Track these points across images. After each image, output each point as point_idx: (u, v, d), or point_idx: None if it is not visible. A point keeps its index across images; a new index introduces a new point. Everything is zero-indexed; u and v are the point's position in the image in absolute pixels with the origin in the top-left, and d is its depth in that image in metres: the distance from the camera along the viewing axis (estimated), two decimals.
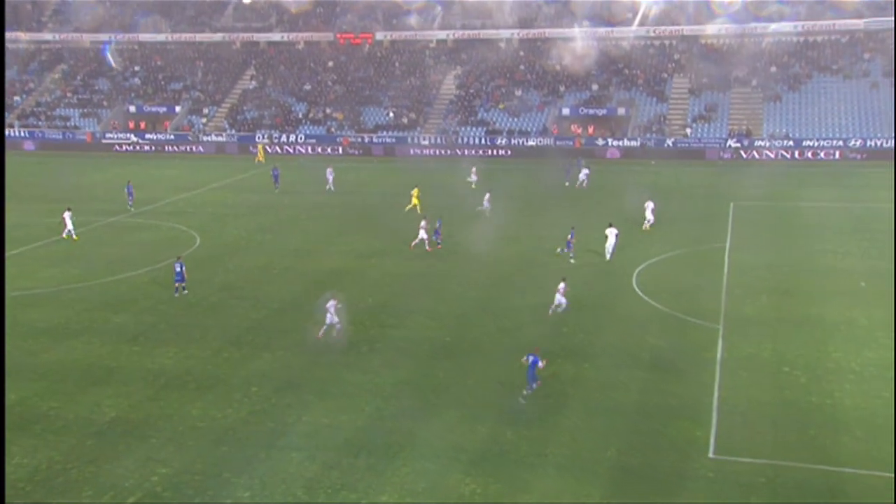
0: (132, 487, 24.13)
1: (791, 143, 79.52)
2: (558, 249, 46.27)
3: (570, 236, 45.80)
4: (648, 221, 51.88)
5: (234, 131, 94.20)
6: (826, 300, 38.43)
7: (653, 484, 23.77)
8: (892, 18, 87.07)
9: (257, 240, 52.94)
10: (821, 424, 26.86)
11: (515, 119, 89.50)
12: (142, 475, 24.75)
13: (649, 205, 52.54)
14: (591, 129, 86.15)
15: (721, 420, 27.32)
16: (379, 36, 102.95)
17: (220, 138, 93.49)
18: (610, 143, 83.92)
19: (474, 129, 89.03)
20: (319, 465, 25.20)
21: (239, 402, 29.48)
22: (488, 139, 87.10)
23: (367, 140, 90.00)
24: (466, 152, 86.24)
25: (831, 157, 77.49)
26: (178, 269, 41.28)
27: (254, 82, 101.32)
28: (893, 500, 22.06)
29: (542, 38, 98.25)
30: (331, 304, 35.35)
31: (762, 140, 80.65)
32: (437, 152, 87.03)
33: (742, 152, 79.58)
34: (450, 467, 24.88)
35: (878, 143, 77.31)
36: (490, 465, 25.00)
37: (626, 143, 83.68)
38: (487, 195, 57.97)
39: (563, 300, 36.92)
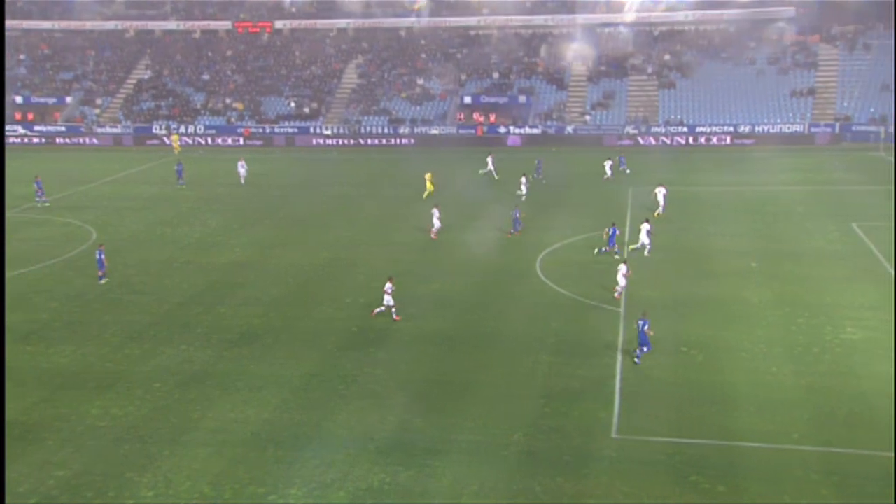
0: (27, 493, 23.36)
1: (685, 129, 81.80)
2: (596, 250, 44.22)
3: (610, 232, 43.74)
4: (661, 207, 51.36)
5: (129, 123, 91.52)
6: (720, 281, 39.74)
7: (558, 466, 24.27)
8: (774, 9, 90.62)
9: (157, 233, 51.72)
10: (716, 401, 27.84)
11: (418, 108, 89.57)
12: (37, 479, 24.00)
13: (661, 190, 51.97)
14: (492, 118, 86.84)
15: (623, 401, 28.05)
16: (278, 24, 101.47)
17: (115, 130, 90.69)
18: (511, 131, 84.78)
19: (377, 118, 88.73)
20: (226, 461, 24.89)
21: (141, 400, 28.84)
22: (391, 128, 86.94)
23: (268, 130, 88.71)
24: (370, 141, 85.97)
25: (723, 142, 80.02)
26: (99, 258, 40.93)
27: (149, 72, 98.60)
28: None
29: (444, 27, 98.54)
30: (388, 286, 35.42)
31: (658, 126, 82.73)
32: (340, 142, 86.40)
33: (640, 138, 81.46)
34: (359, 457, 24.90)
35: (765, 129, 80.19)
36: (399, 453, 25.11)
37: (528, 130, 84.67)
38: (523, 178, 57.86)
39: (623, 281, 37.51)
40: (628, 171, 64.93)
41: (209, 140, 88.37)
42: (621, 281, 37.45)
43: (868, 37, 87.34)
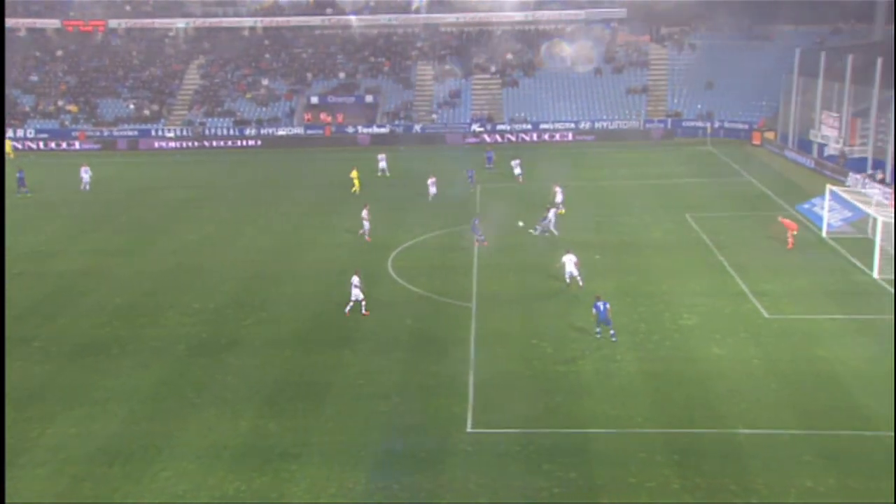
0: None
1: (529, 126, 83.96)
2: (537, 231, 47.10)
3: (549, 214, 47.25)
4: (559, 205, 51.03)
5: None
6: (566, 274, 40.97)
7: (416, 463, 24.51)
8: (607, 10, 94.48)
9: None
10: (566, 391, 28.78)
11: (264, 108, 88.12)
12: None
13: (558, 190, 51.80)
14: (340, 117, 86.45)
15: (477, 395, 28.57)
16: (112, 23, 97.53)
17: None
18: (360, 131, 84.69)
19: (221, 119, 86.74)
20: (69, 479, 23.82)
21: None
22: (237, 130, 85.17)
23: (106, 134, 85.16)
24: (215, 144, 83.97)
25: (566, 138, 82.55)
26: None
27: None
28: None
29: (287, 27, 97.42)
30: (355, 279, 35.06)
31: (503, 124, 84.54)
32: (184, 145, 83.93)
33: (486, 136, 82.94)
34: (212, 466, 24.38)
35: (605, 125, 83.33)
36: (254, 459, 24.74)
37: (376, 129, 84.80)
38: (431, 179, 57.03)
39: (575, 271, 38.04)
40: (492, 167, 66.43)
41: (41, 145, 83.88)
42: (574, 271, 38.27)
43: (692, 37, 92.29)
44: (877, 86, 57.17)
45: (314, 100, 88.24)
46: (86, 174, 63.62)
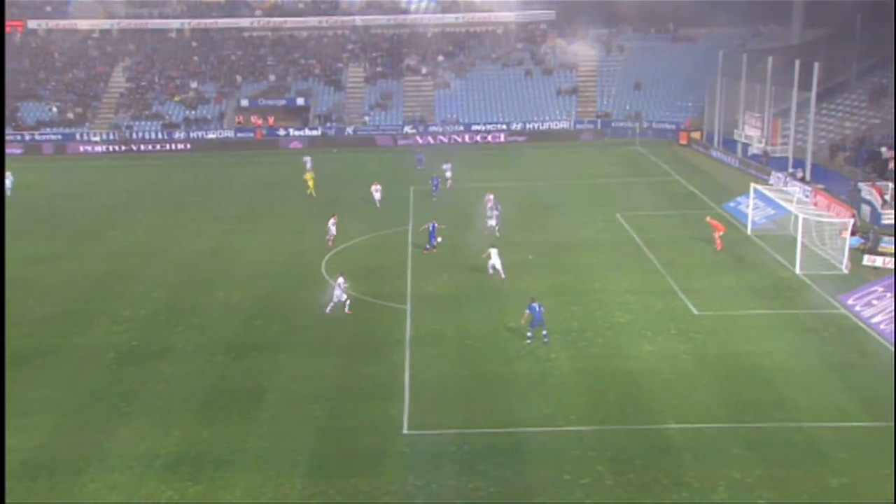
0: None
1: (462, 127, 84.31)
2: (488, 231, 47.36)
3: (493, 208, 48.12)
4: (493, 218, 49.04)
5: None
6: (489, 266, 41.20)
7: (352, 466, 24.44)
8: (537, 12, 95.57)
9: None
10: (501, 391, 28.99)
11: (193, 111, 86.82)
12: None
13: (489, 197, 49.71)
14: (271, 120, 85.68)
15: (413, 397, 28.60)
16: (32, 24, 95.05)
17: None
18: (291, 133, 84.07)
19: (149, 123, 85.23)
20: None
21: None
22: (165, 133, 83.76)
23: (28, 138, 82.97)
24: (143, 147, 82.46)
25: (498, 139, 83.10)
26: None
27: None
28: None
29: (215, 28, 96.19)
30: (339, 280, 35.30)
31: (436, 126, 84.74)
32: (111, 149, 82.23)
33: (418, 138, 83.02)
34: (144, 476, 23.97)
35: (536, 126, 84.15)
36: (187, 467, 24.40)
37: (308, 132, 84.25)
38: (375, 187, 55.76)
39: (498, 263, 39.54)
40: (423, 168, 66.32)
41: None
42: (495, 263, 39.61)
43: (620, 39, 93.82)
44: (795, 87, 58.79)
45: (244, 102, 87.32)
46: (8, 180, 61.98)
